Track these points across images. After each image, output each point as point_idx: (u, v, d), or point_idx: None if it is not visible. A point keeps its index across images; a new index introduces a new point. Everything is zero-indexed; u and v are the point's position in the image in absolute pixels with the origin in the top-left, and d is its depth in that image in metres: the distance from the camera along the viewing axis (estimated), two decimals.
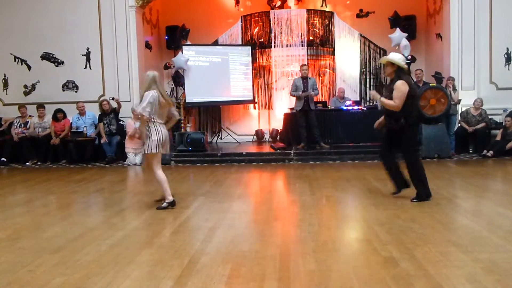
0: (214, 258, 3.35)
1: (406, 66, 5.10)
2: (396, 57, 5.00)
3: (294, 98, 9.38)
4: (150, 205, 5.24)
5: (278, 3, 11.89)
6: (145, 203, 5.43)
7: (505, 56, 9.72)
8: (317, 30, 11.39)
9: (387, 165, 5.29)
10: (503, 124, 9.02)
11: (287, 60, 11.37)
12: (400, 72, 4.95)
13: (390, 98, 4.92)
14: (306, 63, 9.80)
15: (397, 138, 5.09)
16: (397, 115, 4.95)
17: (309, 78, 9.24)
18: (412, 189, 5.12)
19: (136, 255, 3.45)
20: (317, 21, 11.38)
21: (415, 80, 9.80)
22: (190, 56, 10.50)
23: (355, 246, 3.70)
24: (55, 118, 9.76)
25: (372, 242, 3.63)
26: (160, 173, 5.07)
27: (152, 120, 4.97)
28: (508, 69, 9.74)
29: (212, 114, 11.73)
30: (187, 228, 4.24)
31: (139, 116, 4.99)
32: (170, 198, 5.02)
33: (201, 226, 4.34)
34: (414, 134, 5.33)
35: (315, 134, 9.22)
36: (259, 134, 11.70)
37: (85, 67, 10.49)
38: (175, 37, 11.94)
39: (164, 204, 5.02)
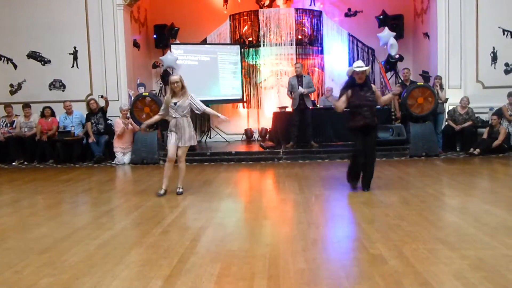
0: (204, 257, 3.34)
1: None
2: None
3: (284, 97, 9.39)
4: (138, 205, 5.21)
5: (267, 2, 11.90)
6: (133, 202, 5.40)
7: (491, 55, 9.84)
8: (306, 29, 11.42)
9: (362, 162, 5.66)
10: (490, 123, 9.13)
11: (276, 59, 11.38)
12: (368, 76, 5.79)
13: (374, 99, 5.58)
14: (299, 61, 9.81)
15: (372, 135, 5.59)
16: (375, 114, 5.59)
17: (304, 76, 9.23)
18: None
19: (125, 255, 3.43)
20: (306, 20, 11.42)
21: (402, 79, 9.90)
22: (179, 55, 10.44)
23: (344, 244, 3.71)
24: (42, 115, 9.65)
25: (361, 240, 3.66)
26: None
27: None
28: (494, 68, 9.86)
29: (201, 113, 11.66)
30: (176, 227, 4.22)
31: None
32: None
33: (190, 225, 4.33)
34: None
35: (308, 133, 9.24)
36: (248, 133, 11.70)
37: (72, 66, 10.40)
38: (163, 36, 11.89)
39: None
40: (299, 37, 11.29)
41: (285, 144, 9.40)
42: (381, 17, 11.45)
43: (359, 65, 5.50)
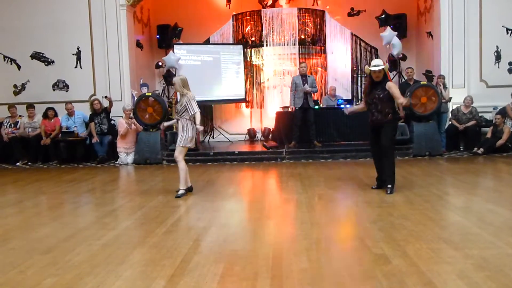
0: (207, 257, 3.34)
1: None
2: (384, 64, 5.60)
3: (288, 96, 9.41)
4: (142, 205, 5.22)
5: (270, 2, 11.89)
6: (137, 202, 5.41)
7: (495, 54, 9.81)
8: (309, 29, 11.41)
9: (380, 163, 5.64)
10: (493, 122, 9.10)
11: (279, 59, 11.37)
12: (385, 75, 5.57)
13: (385, 96, 5.43)
14: (304, 61, 9.84)
15: (380, 133, 5.54)
16: (387, 111, 5.45)
17: (308, 76, 9.25)
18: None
19: (128, 255, 3.44)
20: (309, 20, 11.40)
21: (405, 78, 9.89)
22: (182, 55, 10.45)
23: (347, 244, 3.71)
24: (45, 116, 9.68)
25: (364, 239, 3.65)
26: (183, 163, 5.72)
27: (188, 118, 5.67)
28: (498, 67, 9.82)
29: (204, 113, 11.68)
30: (179, 227, 4.23)
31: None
32: (188, 185, 5.78)
33: (193, 225, 4.33)
34: (396, 127, 5.92)
35: (311, 132, 9.24)
36: (251, 133, 11.70)
37: (76, 67, 10.42)
38: (166, 36, 11.93)
39: (181, 192, 5.66)
40: (302, 36, 11.28)
41: (288, 144, 9.40)
42: (382, 17, 11.42)
43: (376, 64, 5.52)
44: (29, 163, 9.49)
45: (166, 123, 6.47)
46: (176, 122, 5.82)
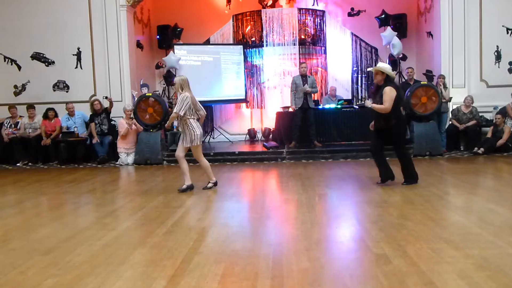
0: (207, 257, 3.35)
1: (393, 74, 5.74)
2: (385, 66, 5.64)
3: (289, 96, 9.42)
4: (142, 205, 5.23)
5: (270, 2, 11.88)
6: (137, 203, 5.41)
7: (495, 54, 9.80)
8: (309, 29, 11.41)
9: (378, 160, 5.84)
10: (494, 122, 9.10)
11: (279, 59, 11.37)
12: (388, 80, 5.57)
13: (381, 103, 5.52)
14: (305, 62, 9.86)
15: (387, 136, 5.70)
16: (387, 116, 5.53)
17: (309, 76, 9.28)
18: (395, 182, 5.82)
19: (129, 255, 3.44)
20: (309, 20, 11.41)
21: (406, 78, 9.89)
22: (182, 56, 10.46)
23: (348, 244, 3.71)
24: (46, 116, 9.67)
25: (365, 239, 3.65)
26: (204, 160, 5.99)
27: (192, 117, 5.78)
28: (498, 67, 9.82)
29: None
30: (180, 227, 4.23)
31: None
32: (213, 179, 6.06)
33: (194, 225, 4.34)
34: (404, 130, 6.09)
35: (311, 132, 9.25)
36: (251, 133, 11.69)
37: (76, 67, 10.42)
38: (167, 37, 11.93)
39: (210, 185, 6.02)
40: (302, 37, 11.28)
41: (288, 144, 9.40)
42: (382, 17, 11.42)
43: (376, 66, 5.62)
44: (30, 164, 9.49)
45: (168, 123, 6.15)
46: (179, 121, 5.82)
